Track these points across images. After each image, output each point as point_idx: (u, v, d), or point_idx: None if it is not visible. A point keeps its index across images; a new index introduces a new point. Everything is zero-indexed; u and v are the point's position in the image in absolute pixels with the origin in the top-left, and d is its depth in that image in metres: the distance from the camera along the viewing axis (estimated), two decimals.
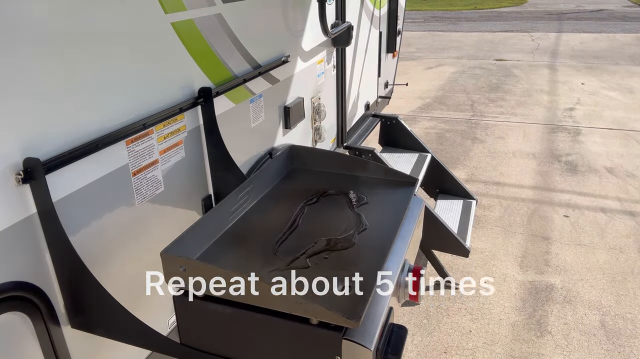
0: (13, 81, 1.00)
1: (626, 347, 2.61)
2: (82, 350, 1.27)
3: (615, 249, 3.43)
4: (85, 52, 1.16)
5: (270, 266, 1.15)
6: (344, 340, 0.95)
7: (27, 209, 1.07)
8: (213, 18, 1.63)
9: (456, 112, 6.44)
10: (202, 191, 1.69)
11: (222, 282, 1.02)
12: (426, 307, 2.95)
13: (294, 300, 0.95)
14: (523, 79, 7.98)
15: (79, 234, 1.20)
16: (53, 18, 1.07)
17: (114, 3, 1.22)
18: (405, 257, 1.23)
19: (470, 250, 3.03)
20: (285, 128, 2.29)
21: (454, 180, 3.53)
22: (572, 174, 4.59)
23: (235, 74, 1.80)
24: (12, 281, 1.06)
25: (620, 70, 8.15)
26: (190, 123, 1.57)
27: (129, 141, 1.32)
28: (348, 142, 3.20)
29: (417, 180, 1.53)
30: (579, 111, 6.26)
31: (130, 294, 1.38)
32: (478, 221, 3.83)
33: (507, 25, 13.54)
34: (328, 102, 2.81)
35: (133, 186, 1.36)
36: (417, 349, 2.64)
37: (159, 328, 1.33)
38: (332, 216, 1.37)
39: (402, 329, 1.08)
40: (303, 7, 2.31)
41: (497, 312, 2.89)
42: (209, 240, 1.24)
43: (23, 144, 1.04)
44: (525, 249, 3.48)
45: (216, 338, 1.10)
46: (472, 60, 9.48)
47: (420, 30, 13.23)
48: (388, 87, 4.29)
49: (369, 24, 3.40)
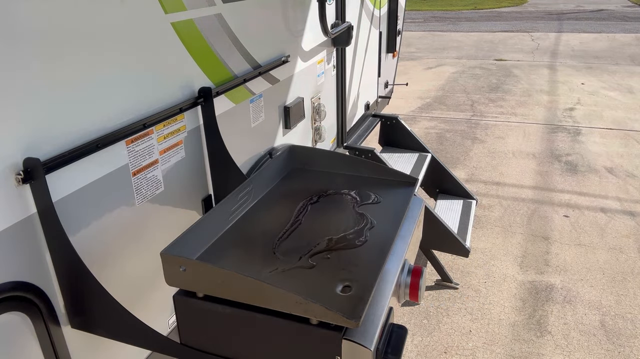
0: (13, 81, 1.00)
1: (626, 347, 2.61)
2: (82, 350, 1.27)
3: (615, 249, 3.43)
4: (85, 52, 1.16)
5: (271, 266, 1.15)
6: (344, 340, 0.95)
7: (27, 209, 1.07)
8: (213, 18, 1.63)
9: (456, 112, 6.44)
10: (202, 191, 1.69)
11: (222, 282, 1.02)
12: (426, 307, 2.95)
13: (294, 300, 0.94)
14: (523, 79, 7.98)
15: (79, 234, 1.20)
16: (53, 18, 1.07)
17: (114, 3, 1.22)
18: (405, 257, 1.23)
19: (470, 250, 3.03)
20: (285, 128, 2.29)
21: (454, 180, 3.53)
22: (572, 174, 4.60)
23: (235, 74, 1.80)
24: (12, 281, 1.06)
25: (620, 70, 8.15)
26: (190, 123, 1.57)
27: (129, 141, 1.32)
28: (348, 142, 3.20)
29: (417, 180, 1.53)
30: (579, 111, 6.26)
31: (130, 294, 1.38)
32: (478, 221, 3.83)
33: (507, 25, 13.55)
34: (328, 102, 2.81)
35: (133, 186, 1.36)
36: (417, 349, 2.64)
37: (159, 328, 1.33)
38: (333, 215, 1.37)
39: (402, 329, 1.08)
40: (303, 7, 2.31)
41: (497, 312, 2.89)
42: (209, 240, 1.24)
43: (23, 144, 1.04)
44: (525, 249, 3.48)
45: (216, 338, 1.10)
46: (472, 60, 9.48)
47: (420, 30, 13.23)
48: (388, 87, 4.30)
49: (369, 24, 3.40)
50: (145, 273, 1.43)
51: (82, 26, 1.15)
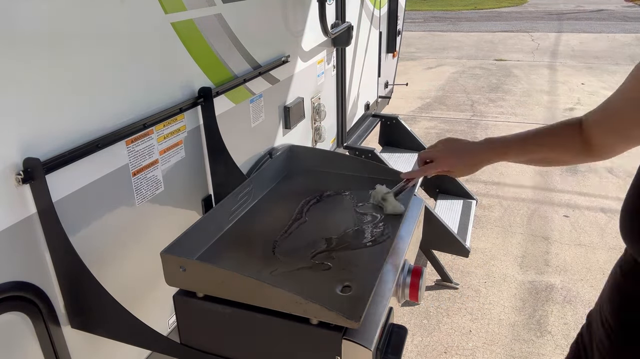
0: (13, 81, 1.00)
1: None
2: (82, 350, 1.27)
3: (615, 249, 3.43)
4: (85, 52, 1.16)
5: (271, 266, 1.14)
6: (344, 340, 0.95)
7: (27, 209, 1.07)
8: (213, 18, 1.63)
9: (456, 112, 6.44)
10: (202, 191, 1.69)
11: (222, 282, 1.02)
12: (426, 307, 2.95)
13: (294, 300, 0.94)
14: (523, 79, 7.98)
15: (79, 234, 1.20)
16: (53, 18, 1.07)
17: (114, 3, 1.22)
18: (405, 257, 1.23)
19: (470, 250, 3.03)
20: (285, 128, 2.29)
21: (453, 180, 3.53)
22: (572, 174, 4.60)
23: (235, 74, 1.80)
24: (12, 281, 1.06)
25: (620, 71, 8.15)
26: (190, 123, 1.57)
27: (129, 141, 1.32)
28: (348, 142, 3.20)
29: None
30: (579, 111, 6.25)
31: (130, 294, 1.38)
32: (478, 221, 3.83)
33: (507, 25, 13.54)
34: (328, 102, 2.81)
35: (133, 186, 1.36)
36: (417, 349, 2.64)
37: (159, 328, 1.33)
38: (333, 215, 1.37)
39: (402, 329, 1.07)
40: (303, 7, 2.31)
41: (497, 312, 2.89)
42: (209, 240, 1.23)
43: (23, 144, 1.04)
44: (525, 249, 3.48)
45: (216, 338, 1.10)
46: (472, 60, 9.48)
47: (420, 30, 13.23)
48: (388, 87, 4.30)
49: (369, 24, 3.40)
50: (145, 272, 1.43)
51: (82, 26, 1.15)
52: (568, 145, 1.13)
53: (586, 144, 1.10)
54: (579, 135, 1.10)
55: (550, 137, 1.16)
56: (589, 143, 1.09)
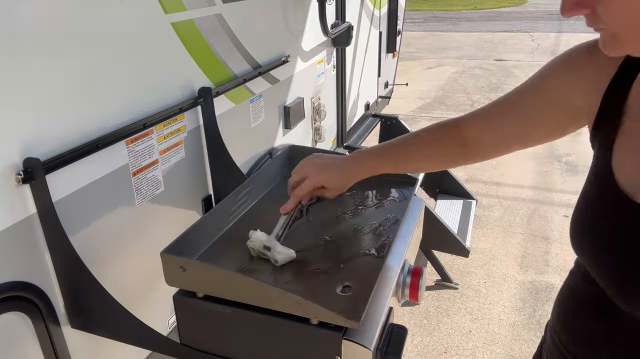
0: (13, 81, 1.00)
1: None
2: (82, 350, 1.27)
3: None
4: (85, 52, 1.16)
5: (271, 266, 1.14)
6: (344, 340, 0.95)
7: (27, 209, 1.07)
8: (213, 18, 1.63)
9: (456, 112, 6.43)
10: (202, 191, 1.69)
11: (222, 282, 1.02)
12: (426, 307, 2.95)
13: (294, 300, 0.94)
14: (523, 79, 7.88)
15: (79, 234, 1.20)
16: (53, 17, 1.07)
17: (114, 3, 1.22)
18: (405, 257, 1.23)
19: (470, 250, 3.03)
20: (285, 128, 2.29)
21: (454, 180, 3.54)
22: (572, 174, 4.59)
23: (235, 74, 1.80)
24: (12, 281, 1.06)
25: None
26: (190, 123, 1.57)
27: (129, 141, 1.32)
28: (348, 142, 3.20)
29: (417, 180, 1.53)
30: None
31: (130, 294, 1.38)
32: (478, 221, 3.83)
33: (507, 25, 13.55)
34: (328, 102, 2.81)
35: (133, 186, 1.36)
36: (417, 349, 2.64)
37: (159, 328, 1.33)
38: (334, 215, 1.37)
39: (402, 329, 1.07)
40: (303, 7, 2.31)
41: (497, 312, 2.89)
42: (209, 240, 1.23)
43: (23, 144, 1.04)
44: (525, 249, 3.48)
45: (216, 338, 1.10)
46: (472, 60, 9.48)
47: (420, 30, 13.24)
48: (388, 87, 4.30)
49: (369, 24, 3.40)
50: (145, 272, 1.43)
51: (82, 26, 1.15)
52: (445, 149, 1.10)
53: (464, 143, 1.06)
54: (457, 137, 1.07)
55: (424, 150, 1.12)
56: (468, 142, 1.06)
